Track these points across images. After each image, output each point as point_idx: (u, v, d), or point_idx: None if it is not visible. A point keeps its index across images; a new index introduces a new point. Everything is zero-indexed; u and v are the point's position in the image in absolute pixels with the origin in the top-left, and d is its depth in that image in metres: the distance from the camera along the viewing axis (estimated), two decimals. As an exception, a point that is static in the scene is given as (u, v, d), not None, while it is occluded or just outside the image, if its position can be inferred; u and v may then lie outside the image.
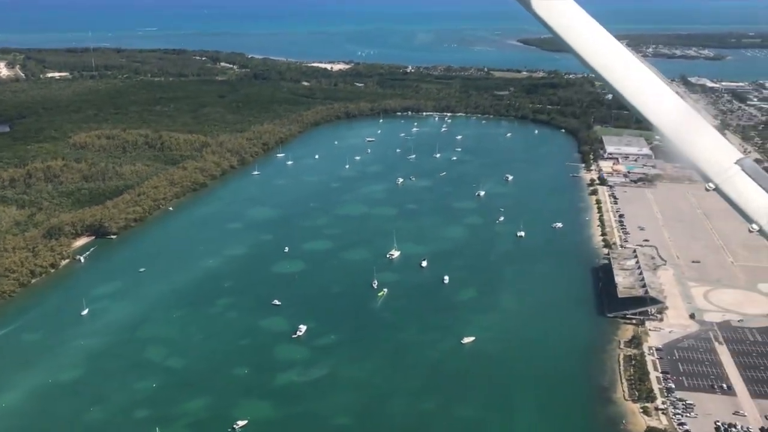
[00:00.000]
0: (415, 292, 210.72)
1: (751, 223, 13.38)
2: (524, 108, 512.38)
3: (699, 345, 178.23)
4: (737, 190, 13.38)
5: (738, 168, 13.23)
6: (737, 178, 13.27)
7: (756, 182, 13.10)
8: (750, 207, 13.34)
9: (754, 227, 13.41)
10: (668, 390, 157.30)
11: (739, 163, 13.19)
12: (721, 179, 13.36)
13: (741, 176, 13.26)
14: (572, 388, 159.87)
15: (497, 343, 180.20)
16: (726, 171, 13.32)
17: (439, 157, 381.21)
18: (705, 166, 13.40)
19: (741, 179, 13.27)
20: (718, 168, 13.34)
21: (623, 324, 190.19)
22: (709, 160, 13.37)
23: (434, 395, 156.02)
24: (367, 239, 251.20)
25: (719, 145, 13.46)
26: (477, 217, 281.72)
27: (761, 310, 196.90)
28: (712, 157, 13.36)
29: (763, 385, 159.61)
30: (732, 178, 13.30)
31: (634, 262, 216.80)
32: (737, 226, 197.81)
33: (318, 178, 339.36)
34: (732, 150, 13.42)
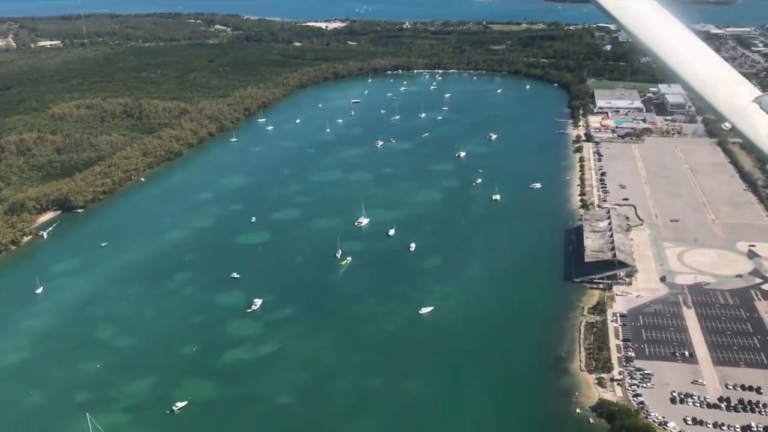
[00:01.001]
0: (379, 261, 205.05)
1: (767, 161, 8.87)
2: (518, 63, 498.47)
3: (666, 310, 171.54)
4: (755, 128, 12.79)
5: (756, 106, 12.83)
6: (756, 115, 12.85)
7: None
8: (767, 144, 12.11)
9: None
10: (627, 359, 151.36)
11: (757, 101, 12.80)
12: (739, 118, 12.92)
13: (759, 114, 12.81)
14: (528, 359, 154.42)
15: (456, 313, 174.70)
16: (744, 109, 12.94)
17: (424, 117, 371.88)
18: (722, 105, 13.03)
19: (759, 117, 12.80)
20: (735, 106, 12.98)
21: (590, 289, 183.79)
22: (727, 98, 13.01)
23: (384, 370, 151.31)
24: (338, 207, 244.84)
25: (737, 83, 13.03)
26: (454, 179, 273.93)
27: (736, 271, 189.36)
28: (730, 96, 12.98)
29: (727, 351, 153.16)
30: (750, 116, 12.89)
31: (607, 224, 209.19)
32: (723, 180, 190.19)
33: (296, 143, 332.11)
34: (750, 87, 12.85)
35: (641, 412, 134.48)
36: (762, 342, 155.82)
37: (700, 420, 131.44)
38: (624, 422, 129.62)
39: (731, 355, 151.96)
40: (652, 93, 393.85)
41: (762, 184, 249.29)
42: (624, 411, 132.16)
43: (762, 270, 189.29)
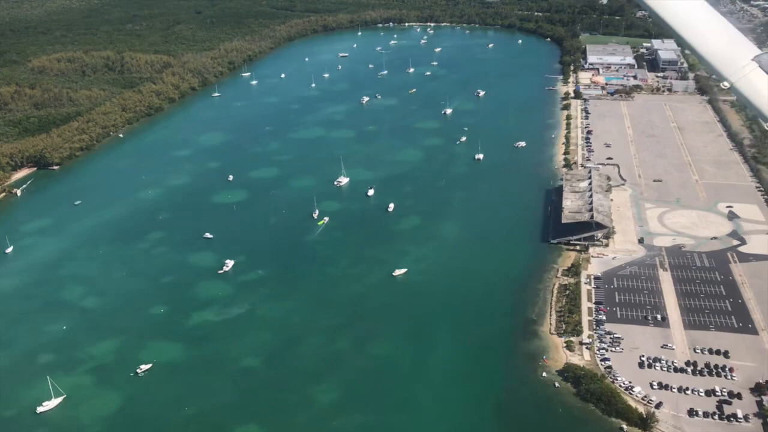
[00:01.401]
0: (356, 222, 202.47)
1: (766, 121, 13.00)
2: (511, 16, 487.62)
3: (642, 272, 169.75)
4: (754, 88, 12.48)
5: (755, 64, 12.53)
6: (754, 74, 12.53)
7: None
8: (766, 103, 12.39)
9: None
10: (598, 323, 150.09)
11: (756, 59, 12.54)
12: (738, 77, 12.64)
13: (758, 73, 12.50)
14: (499, 321, 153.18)
15: (430, 274, 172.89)
16: (743, 68, 12.61)
17: (413, 72, 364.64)
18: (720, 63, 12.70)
19: (758, 76, 12.48)
20: (734, 65, 12.63)
21: (566, 250, 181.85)
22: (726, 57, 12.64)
23: (352, 333, 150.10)
24: (318, 166, 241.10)
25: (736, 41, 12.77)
26: (438, 137, 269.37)
27: (715, 233, 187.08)
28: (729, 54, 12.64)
29: (699, 314, 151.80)
30: (749, 75, 12.57)
31: (587, 184, 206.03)
32: (710, 139, 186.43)
33: (279, 98, 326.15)
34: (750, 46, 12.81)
35: (608, 376, 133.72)
36: (734, 305, 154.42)
37: (665, 384, 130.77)
38: (589, 387, 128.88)
39: (703, 318, 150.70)
40: (645, 49, 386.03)
41: (748, 144, 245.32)
42: (590, 375, 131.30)
43: (741, 232, 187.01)
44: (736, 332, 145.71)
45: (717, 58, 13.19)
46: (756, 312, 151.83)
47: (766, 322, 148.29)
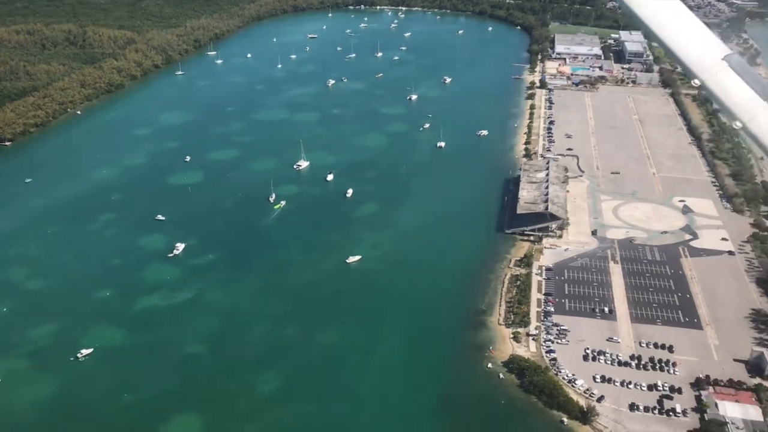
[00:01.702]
0: (313, 207, 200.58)
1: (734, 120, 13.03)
2: (482, 3, 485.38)
3: (593, 264, 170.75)
4: (723, 87, 12.82)
5: (725, 64, 12.74)
6: (724, 74, 12.76)
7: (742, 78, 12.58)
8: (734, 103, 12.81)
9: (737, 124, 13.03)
10: (546, 314, 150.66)
11: (726, 59, 12.75)
12: (708, 75, 12.88)
13: (728, 72, 12.75)
14: (448, 311, 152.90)
15: (384, 262, 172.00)
16: (713, 67, 12.84)
17: (381, 56, 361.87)
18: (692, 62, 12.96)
19: (727, 75, 12.74)
20: (705, 64, 12.87)
21: (520, 241, 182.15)
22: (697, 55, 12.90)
23: (301, 320, 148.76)
24: (279, 148, 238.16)
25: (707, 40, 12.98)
26: (402, 123, 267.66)
27: (668, 226, 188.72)
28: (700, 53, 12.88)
29: (647, 308, 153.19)
30: (719, 74, 12.80)
31: (545, 175, 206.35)
32: (670, 133, 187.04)
33: (245, 78, 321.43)
34: (720, 45, 12.95)
35: (552, 368, 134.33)
36: (681, 300, 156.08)
37: (608, 378, 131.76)
38: (532, 379, 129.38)
39: (650, 312, 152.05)
40: (613, 40, 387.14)
41: (707, 138, 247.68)
42: (533, 367, 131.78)
43: (693, 226, 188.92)
44: (682, 327, 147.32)
45: (688, 56, 13.39)
46: (702, 307, 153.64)
47: (711, 317, 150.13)
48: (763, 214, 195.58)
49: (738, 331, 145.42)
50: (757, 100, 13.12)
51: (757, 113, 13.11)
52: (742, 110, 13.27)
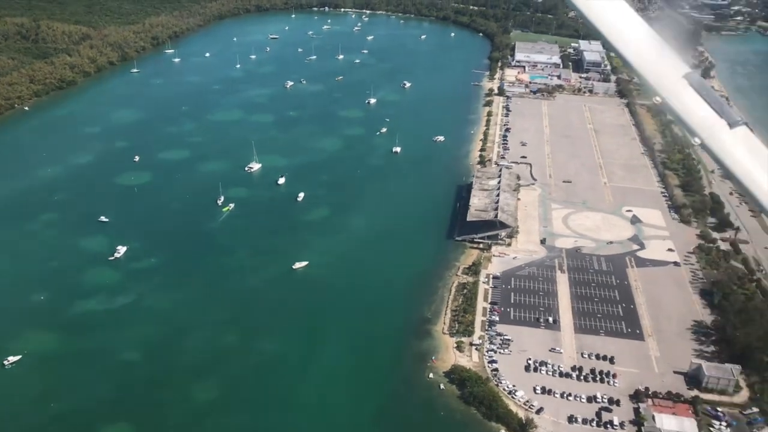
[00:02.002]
0: (263, 210, 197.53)
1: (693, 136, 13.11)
2: (446, 8, 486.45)
3: (540, 273, 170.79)
4: (682, 105, 13.17)
5: (685, 82, 13.08)
6: (684, 92, 13.10)
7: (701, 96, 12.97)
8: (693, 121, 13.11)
9: (696, 141, 13.21)
10: (490, 323, 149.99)
11: (686, 77, 13.07)
12: (668, 93, 13.28)
13: (687, 90, 13.09)
14: (394, 319, 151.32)
15: (331, 268, 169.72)
16: (673, 85, 13.20)
17: (342, 59, 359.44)
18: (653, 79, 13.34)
19: (687, 93, 13.09)
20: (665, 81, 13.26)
21: (470, 248, 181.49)
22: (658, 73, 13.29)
23: (242, 328, 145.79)
24: (231, 149, 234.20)
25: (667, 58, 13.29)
26: (359, 127, 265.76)
27: (616, 236, 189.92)
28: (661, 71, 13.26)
29: (591, 318, 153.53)
30: (678, 92, 13.16)
31: (497, 182, 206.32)
32: (623, 142, 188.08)
33: (202, 78, 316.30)
34: (680, 64, 13.22)
35: (493, 379, 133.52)
36: (626, 310, 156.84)
37: (549, 389, 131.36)
38: (473, 390, 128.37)
39: (594, 322, 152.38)
40: (572, 49, 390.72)
41: (659, 149, 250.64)
42: (474, 378, 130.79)
43: (641, 236, 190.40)
44: (625, 338, 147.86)
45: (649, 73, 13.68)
46: (645, 318, 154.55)
47: (654, 329, 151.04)
48: (710, 225, 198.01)
49: (679, 343, 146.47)
50: (715, 118, 13.40)
51: (714, 130, 13.39)
52: (701, 127, 13.52)
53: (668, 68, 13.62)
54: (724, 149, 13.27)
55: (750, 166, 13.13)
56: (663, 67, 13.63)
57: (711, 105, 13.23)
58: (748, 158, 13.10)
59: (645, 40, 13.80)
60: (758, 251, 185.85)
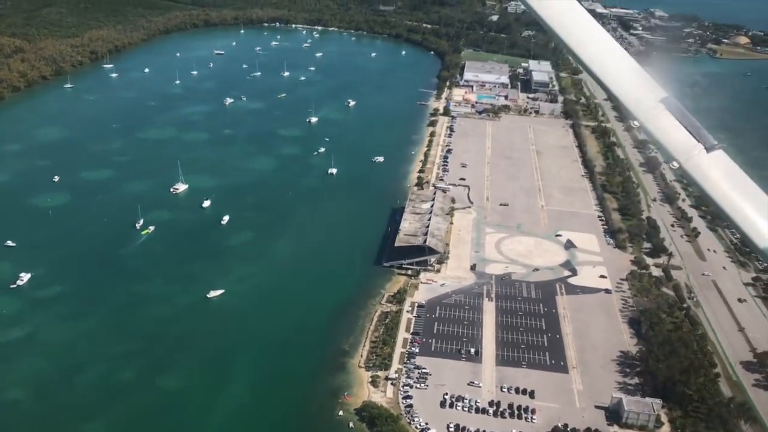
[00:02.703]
0: (183, 234, 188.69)
1: (671, 161, 13.10)
2: (399, 26, 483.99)
3: (467, 301, 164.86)
4: (660, 128, 13.29)
5: (662, 107, 13.24)
6: (661, 116, 13.25)
7: (678, 121, 13.16)
8: (671, 145, 13.26)
9: (674, 165, 13.28)
10: (410, 355, 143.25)
11: (663, 102, 13.27)
12: (646, 117, 13.37)
13: (665, 114, 13.23)
14: (310, 351, 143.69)
15: (248, 297, 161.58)
16: (650, 110, 13.31)
17: (287, 76, 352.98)
18: (630, 104, 13.47)
19: (664, 117, 13.24)
20: (642, 106, 13.39)
21: (398, 275, 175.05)
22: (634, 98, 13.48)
23: (144, 362, 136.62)
24: (159, 169, 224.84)
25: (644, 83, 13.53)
26: (297, 147, 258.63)
27: (549, 261, 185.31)
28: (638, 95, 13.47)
29: (514, 349, 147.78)
30: (656, 116, 13.28)
31: (430, 206, 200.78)
32: (564, 165, 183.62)
33: (138, 94, 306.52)
34: (657, 88, 13.45)
35: (406, 416, 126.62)
36: (551, 341, 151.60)
37: (463, 427, 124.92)
38: (383, 428, 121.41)
39: (517, 354, 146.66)
40: (522, 69, 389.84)
41: (599, 171, 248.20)
42: (385, 416, 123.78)
43: (574, 262, 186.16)
44: (547, 370, 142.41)
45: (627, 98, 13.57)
46: (571, 348, 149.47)
47: (578, 360, 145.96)
48: (645, 250, 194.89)
49: (603, 375, 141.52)
50: (692, 142, 13.29)
51: (692, 155, 13.26)
52: (679, 152, 13.38)
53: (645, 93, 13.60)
54: (701, 172, 13.25)
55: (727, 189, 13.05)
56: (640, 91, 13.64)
57: (688, 129, 13.28)
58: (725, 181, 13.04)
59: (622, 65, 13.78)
60: (692, 277, 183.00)
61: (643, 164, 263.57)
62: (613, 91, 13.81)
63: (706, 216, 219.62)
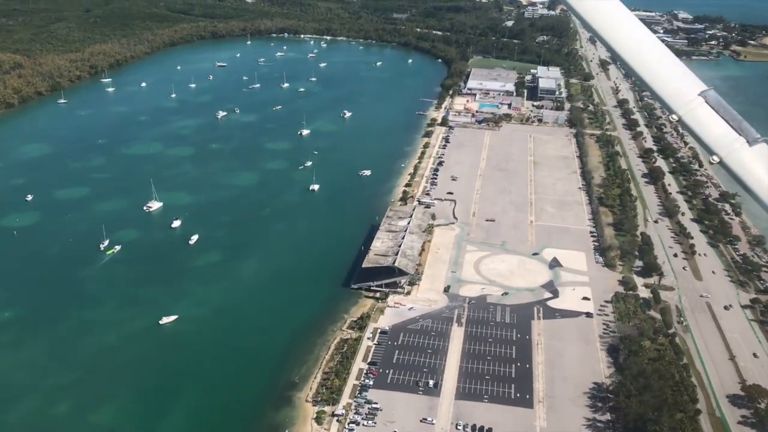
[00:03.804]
0: (150, 254, 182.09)
1: (711, 155, 13.14)
2: (408, 34, 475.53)
3: (434, 327, 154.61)
4: (699, 122, 13.19)
5: (701, 100, 13.16)
6: (700, 109, 13.16)
7: (718, 114, 13.08)
8: (711, 139, 13.17)
9: (714, 159, 13.27)
10: (363, 388, 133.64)
11: (702, 95, 13.16)
12: (685, 111, 13.28)
13: (704, 108, 13.16)
14: (257, 383, 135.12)
15: (204, 323, 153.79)
16: (689, 103, 13.23)
17: (287, 87, 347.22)
18: (669, 97, 13.42)
19: (704, 111, 13.15)
20: (681, 100, 13.30)
21: (366, 297, 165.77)
22: (673, 91, 13.40)
23: (81, 394, 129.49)
24: (137, 186, 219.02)
25: (684, 76, 13.43)
26: (283, 161, 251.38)
27: (530, 282, 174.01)
28: (677, 89, 13.39)
29: (478, 381, 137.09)
30: (695, 110, 13.19)
31: (407, 222, 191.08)
32: (562, 176, 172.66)
33: (131, 108, 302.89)
34: (696, 82, 13.35)
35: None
36: (519, 371, 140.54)
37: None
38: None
39: (480, 386, 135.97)
40: (531, 75, 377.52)
41: (597, 183, 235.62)
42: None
43: (557, 283, 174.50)
44: (511, 405, 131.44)
45: (666, 91, 13.52)
46: (540, 380, 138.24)
47: (546, 393, 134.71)
48: (636, 269, 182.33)
49: (571, 411, 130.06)
50: (733, 135, 13.17)
51: (733, 148, 13.15)
52: (719, 145, 13.30)
53: (684, 86, 13.39)
54: (743, 166, 12.92)
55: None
56: (679, 85, 13.43)
57: (729, 122, 12.94)
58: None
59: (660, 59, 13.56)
60: (684, 299, 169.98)
61: (645, 175, 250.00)
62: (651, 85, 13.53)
63: (708, 231, 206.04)
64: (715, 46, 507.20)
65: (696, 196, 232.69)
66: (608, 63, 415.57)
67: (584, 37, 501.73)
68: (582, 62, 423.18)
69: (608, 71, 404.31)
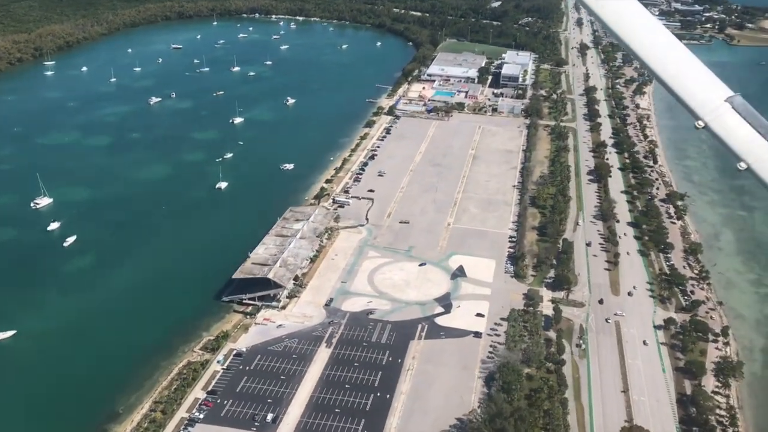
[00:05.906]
0: (14, 258, 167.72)
1: (739, 161, 12.67)
2: (383, 15, 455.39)
3: (298, 348, 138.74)
4: (726, 128, 12.69)
5: (728, 106, 12.65)
6: (727, 115, 12.68)
7: (746, 120, 12.64)
8: (738, 145, 12.70)
9: (742, 165, 12.76)
10: (190, 423, 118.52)
11: (729, 101, 12.67)
12: (711, 117, 12.70)
13: (731, 114, 12.68)
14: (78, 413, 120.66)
15: (46, 339, 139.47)
16: (716, 109, 12.67)
17: (237, 71, 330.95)
18: (695, 103, 12.80)
19: (731, 117, 12.67)
20: (708, 106, 12.72)
21: (236, 312, 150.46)
22: (699, 97, 12.80)
23: None
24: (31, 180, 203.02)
25: (709, 82, 12.89)
26: (204, 152, 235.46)
27: (423, 295, 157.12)
28: (702, 95, 12.80)
29: (325, 415, 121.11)
30: (722, 116, 12.67)
31: (302, 225, 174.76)
32: (500, 172, 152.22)
33: (63, 94, 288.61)
34: (722, 87, 12.83)
35: None
36: (376, 403, 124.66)
37: None
38: None
39: (325, 421, 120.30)
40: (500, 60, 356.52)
41: (535, 180, 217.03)
42: None
43: (454, 295, 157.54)
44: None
45: (690, 98, 12.81)
46: (396, 415, 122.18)
47: (398, 429, 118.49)
48: (548, 281, 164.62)
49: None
50: (761, 141, 12.59)
51: (761, 154, 12.55)
52: (746, 151, 12.67)
53: (710, 92, 12.73)
54: None
55: None
56: (704, 90, 12.76)
57: (757, 129, 12.53)
58: None
59: (685, 63, 12.85)
60: (593, 317, 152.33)
61: (591, 171, 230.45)
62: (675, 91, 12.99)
63: (642, 237, 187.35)
64: (709, 30, 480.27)
65: (641, 196, 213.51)
66: (587, 47, 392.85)
67: (572, 20, 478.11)
68: (560, 46, 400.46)
69: (585, 56, 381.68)
